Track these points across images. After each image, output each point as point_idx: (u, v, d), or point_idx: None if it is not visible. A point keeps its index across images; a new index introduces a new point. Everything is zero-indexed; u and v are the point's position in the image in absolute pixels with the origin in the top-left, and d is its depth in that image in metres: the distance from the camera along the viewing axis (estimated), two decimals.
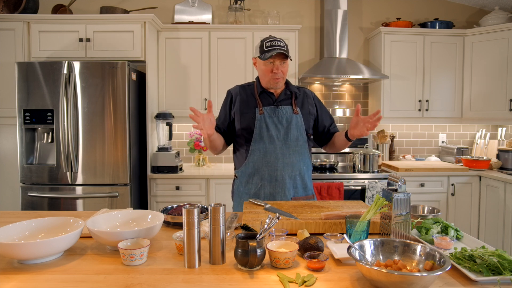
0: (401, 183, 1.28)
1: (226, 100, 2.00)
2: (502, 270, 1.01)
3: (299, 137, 1.89)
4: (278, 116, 1.88)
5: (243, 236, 1.14)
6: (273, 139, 1.86)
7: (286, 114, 1.89)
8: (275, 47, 1.78)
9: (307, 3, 3.86)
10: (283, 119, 1.88)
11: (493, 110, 3.50)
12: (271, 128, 1.86)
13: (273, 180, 1.87)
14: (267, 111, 1.88)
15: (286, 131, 1.87)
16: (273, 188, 1.87)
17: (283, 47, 1.80)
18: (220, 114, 2.01)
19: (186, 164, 3.77)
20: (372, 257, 1.09)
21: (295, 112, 1.90)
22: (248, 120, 1.89)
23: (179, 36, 3.44)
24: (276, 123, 1.87)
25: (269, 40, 1.83)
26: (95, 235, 1.22)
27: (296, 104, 1.93)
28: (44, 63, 2.91)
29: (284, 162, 1.87)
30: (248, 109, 1.90)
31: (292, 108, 1.91)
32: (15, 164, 3.04)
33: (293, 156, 1.88)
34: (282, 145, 1.86)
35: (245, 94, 1.95)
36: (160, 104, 3.48)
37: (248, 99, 1.93)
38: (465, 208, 3.36)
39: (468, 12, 3.96)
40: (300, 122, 1.90)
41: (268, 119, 1.87)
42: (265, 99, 1.92)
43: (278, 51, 1.77)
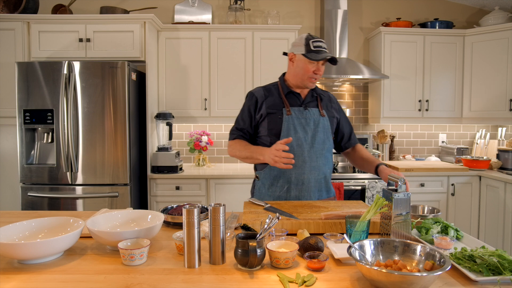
0: (401, 183, 1.28)
1: (250, 102, 1.90)
2: (502, 270, 1.01)
3: (325, 140, 1.86)
4: (306, 118, 1.84)
5: (243, 236, 1.14)
6: (300, 141, 1.81)
7: (314, 116, 1.86)
8: (323, 50, 1.78)
9: (307, 3, 3.86)
10: (310, 121, 1.84)
11: (493, 110, 3.50)
12: (299, 130, 1.81)
13: (299, 183, 1.82)
14: (295, 112, 1.84)
15: (313, 133, 1.83)
16: (299, 191, 1.83)
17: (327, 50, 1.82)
18: (243, 117, 1.92)
19: (186, 164, 3.77)
20: (372, 257, 1.09)
21: (322, 114, 1.88)
22: (275, 121, 1.82)
23: (179, 36, 3.44)
24: (303, 125, 1.83)
25: (316, 40, 1.80)
26: (95, 235, 1.22)
27: (322, 106, 1.91)
28: (44, 63, 2.91)
29: (311, 165, 1.82)
30: (275, 110, 1.84)
31: (319, 110, 1.88)
32: (15, 164, 3.04)
33: (319, 160, 1.84)
34: (309, 148, 1.82)
35: (271, 96, 1.89)
36: (160, 104, 3.48)
37: (275, 100, 1.87)
38: (465, 208, 3.36)
39: (468, 12, 3.96)
40: (327, 125, 1.87)
41: (296, 120, 1.82)
42: (292, 99, 1.88)
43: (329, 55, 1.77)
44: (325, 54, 1.77)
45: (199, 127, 3.78)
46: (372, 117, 3.84)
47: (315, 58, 1.75)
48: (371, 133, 3.92)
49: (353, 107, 3.94)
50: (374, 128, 3.96)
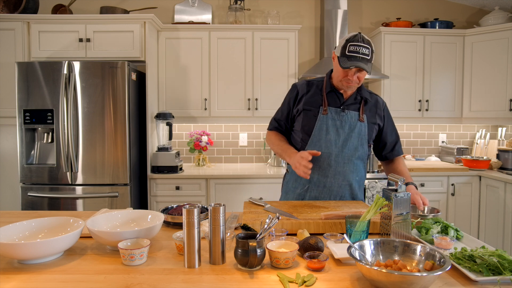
0: (401, 183, 1.28)
1: (291, 94, 1.87)
2: (502, 270, 1.01)
3: (358, 147, 1.77)
4: (342, 120, 1.76)
5: (243, 236, 1.14)
6: (330, 143, 1.74)
7: (351, 120, 1.76)
8: (357, 56, 1.61)
9: (307, 3, 3.86)
10: (346, 125, 1.76)
11: (493, 110, 3.50)
12: (331, 131, 1.75)
13: (321, 185, 1.78)
14: (332, 112, 1.76)
15: (346, 137, 1.75)
16: (320, 193, 1.79)
17: (367, 56, 1.62)
18: (282, 109, 1.91)
19: (186, 164, 3.77)
20: (372, 257, 1.09)
21: (360, 119, 1.77)
22: (310, 118, 1.77)
23: (179, 36, 3.44)
24: (338, 127, 1.75)
25: (355, 43, 1.63)
26: (95, 235, 1.22)
27: (363, 111, 1.79)
28: (44, 63, 2.91)
29: (337, 170, 1.76)
30: (313, 106, 1.78)
31: (358, 114, 1.77)
32: (15, 164, 3.04)
33: (346, 166, 1.77)
34: (338, 152, 1.75)
35: (312, 91, 1.82)
36: (160, 104, 3.48)
37: (315, 96, 1.80)
38: (465, 208, 3.36)
39: (468, 12, 3.96)
40: (363, 131, 1.77)
41: (330, 121, 1.75)
42: (332, 99, 1.79)
43: (357, 65, 1.61)
44: (355, 63, 1.61)
45: (199, 127, 3.78)
46: None
47: (343, 64, 1.63)
48: None
49: None
50: None
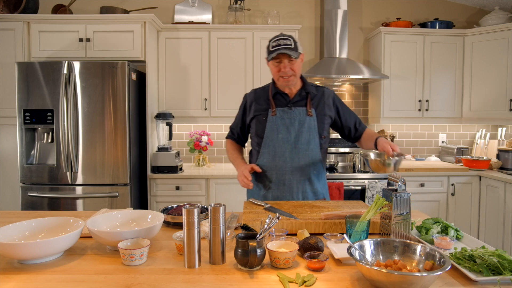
0: (401, 183, 1.28)
1: (242, 104, 2.02)
2: (502, 270, 1.01)
3: (310, 140, 1.84)
4: (291, 118, 1.83)
5: (243, 236, 1.14)
6: (283, 142, 1.83)
7: (299, 116, 1.84)
8: (279, 46, 1.72)
9: (307, 3, 3.86)
10: (295, 121, 1.83)
11: (493, 110, 3.50)
12: (282, 130, 1.83)
13: (280, 183, 1.85)
14: (280, 112, 1.84)
15: (297, 134, 1.83)
16: (281, 191, 1.85)
17: (289, 45, 1.73)
18: (236, 118, 2.08)
19: (186, 164, 3.77)
20: (372, 257, 1.09)
21: (308, 114, 1.84)
22: (261, 122, 1.87)
23: (179, 36, 3.44)
24: (288, 125, 1.83)
25: (275, 39, 1.76)
26: (95, 235, 1.22)
27: (311, 105, 1.86)
28: (44, 63, 2.91)
29: (293, 167, 1.83)
30: (262, 111, 1.88)
31: (306, 110, 1.85)
32: (15, 164, 3.04)
33: (302, 160, 1.84)
34: (292, 149, 1.83)
35: (260, 97, 1.92)
36: (160, 104, 3.48)
37: (263, 102, 1.90)
38: (465, 208, 3.36)
39: (468, 12, 3.96)
40: (313, 125, 1.84)
41: (279, 120, 1.83)
42: (279, 100, 1.88)
43: (280, 52, 1.71)
44: (277, 51, 1.71)
45: (199, 127, 3.78)
46: (372, 117, 3.84)
47: (269, 58, 1.77)
48: None
49: (353, 107, 3.94)
50: (374, 128, 3.96)
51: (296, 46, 1.76)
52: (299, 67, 1.82)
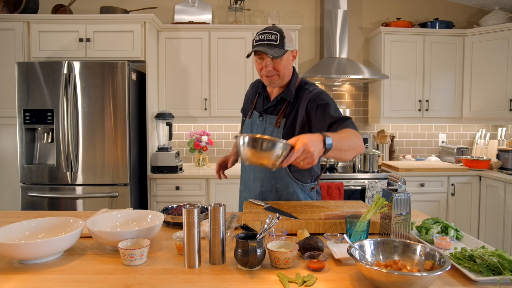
0: (401, 183, 1.28)
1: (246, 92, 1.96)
2: (502, 270, 1.01)
3: None
4: (259, 125, 1.73)
5: (243, 236, 1.14)
6: None
7: (266, 125, 1.69)
8: (263, 42, 1.54)
9: (307, 3, 3.86)
10: (260, 130, 1.71)
11: (493, 110, 3.50)
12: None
13: (247, 188, 1.83)
14: (254, 117, 1.76)
15: None
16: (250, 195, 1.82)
17: (273, 41, 1.53)
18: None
19: (186, 164, 3.77)
20: (372, 257, 1.09)
21: (276, 124, 1.65)
22: (243, 120, 1.85)
23: (179, 36, 3.44)
24: (256, 132, 1.74)
25: (261, 32, 1.58)
26: (95, 235, 1.22)
27: (284, 113, 1.65)
28: (44, 63, 2.91)
29: (255, 175, 1.76)
30: (246, 109, 1.86)
31: (276, 119, 1.67)
32: (15, 164, 3.04)
33: (263, 172, 1.72)
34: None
35: (252, 93, 1.86)
36: (160, 104, 3.48)
37: (251, 99, 1.85)
38: (465, 208, 3.36)
39: (468, 12, 3.96)
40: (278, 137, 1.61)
41: (250, 125, 1.77)
42: (259, 102, 1.78)
43: (257, 49, 1.53)
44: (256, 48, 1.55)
45: (199, 127, 3.78)
46: (372, 117, 3.84)
47: (249, 53, 1.61)
48: (371, 133, 3.92)
49: (353, 107, 3.94)
50: (374, 128, 3.96)
51: (282, 42, 1.54)
52: (285, 66, 1.60)
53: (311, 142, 1.11)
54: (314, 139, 1.14)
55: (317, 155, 1.14)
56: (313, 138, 1.14)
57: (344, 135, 1.31)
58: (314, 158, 1.12)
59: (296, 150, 1.08)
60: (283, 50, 1.56)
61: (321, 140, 1.17)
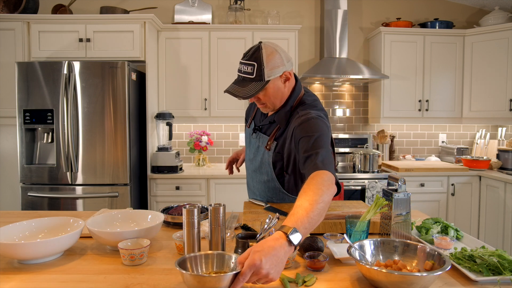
0: (401, 183, 1.28)
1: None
2: (502, 270, 1.01)
3: (268, 172, 1.60)
4: (252, 140, 1.70)
5: (243, 236, 1.14)
6: (247, 156, 1.77)
7: (259, 143, 1.63)
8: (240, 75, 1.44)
9: (307, 3, 3.86)
10: (254, 147, 1.68)
11: (493, 110, 3.50)
12: (248, 144, 1.76)
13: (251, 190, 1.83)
14: (251, 128, 1.72)
15: (252, 158, 1.69)
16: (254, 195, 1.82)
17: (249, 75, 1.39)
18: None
19: (186, 164, 3.77)
20: (372, 257, 1.09)
21: (267, 147, 1.58)
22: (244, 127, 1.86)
23: (179, 36, 3.44)
24: (249, 144, 1.74)
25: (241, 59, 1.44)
26: (95, 235, 1.22)
27: (275, 136, 1.56)
28: (44, 63, 2.91)
29: (253, 184, 1.75)
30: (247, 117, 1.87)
31: (267, 141, 1.58)
32: (15, 164, 3.04)
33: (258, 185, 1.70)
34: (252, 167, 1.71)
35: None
36: (160, 104, 3.48)
37: (253, 106, 1.80)
38: (465, 208, 3.36)
39: (468, 12, 3.96)
40: (267, 160, 1.58)
41: (248, 135, 1.76)
42: (258, 113, 1.71)
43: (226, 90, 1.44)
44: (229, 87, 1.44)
45: (199, 127, 3.78)
46: (372, 117, 3.84)
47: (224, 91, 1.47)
48: (371, 133, 3.92)
49: (353, 107, 3.94)
50: (374, 128, 3.96)
51: (260, 74, 1.37)
52: (273, 95, 1.45)
53: (264, 257, 0.89)
54: (270, 251, 0.91)
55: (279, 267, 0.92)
56: (268, 250, 0.91)
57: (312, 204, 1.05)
58: (272, 275, 0.90)
59: (242, 275, 0.88)
60: (261, 83, 1.38)
61: (283, 243, 0.94)
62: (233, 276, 0.88)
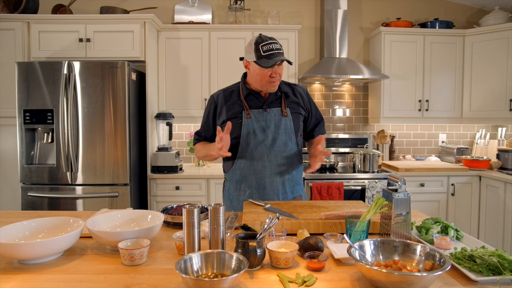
0: (401, 183, 1.28)
1: (210, 107, 1.88)
2: (502, 270, 1.01)
3: (287, 141, 1.80)
4: (266, 120, 1.78)
5: (243, 236, 1.14)
6: (260, 145, 1.77)
7: (275, 118, 1.78)
8: (274, 52, 1.66)
9: (307, 3, 3.86)
10: (271, 123, 1.78)
11: (493, 110, 3.50)
12: (258, 133, 1.77)
13: (261, 187, 1.81)
14: (255, 114, 1.78)
15: (274, 136, 1.78)
16: (262, 195, 1.82)
17: (280, 50, 1.69)
18: (203, 121, 1.92)
19: (186, 164, 3.77)
20: (372, 257, 1.09)
21: (284, 114, 1.79)
22: (236, 125, 1.76)
23: (179, 36, 3.44)
24: (264, 127, 1.77)
25: (265, 43, 1.67)
26: (95, 235, 1.22)
27: (286, 104, 1.81)
28: (44, 63, 2.91)
29: (272, 169, 1.79)
30: (235, 114, 1.79)
31: (281, 110, 1.79)
32: (15, 164, 3.04)
33: (281, 162, 1.80)
34: (269, 152, 1.78)
35: (231, 99, 1.83)
36: (160, 104, 3.48)
37: (235, 104, 1.81)
38: (465, 208, 3.36)
39: (468, 12, 3.96)
40: (289, 125, 1.80)
41: (255, 123, 1.77)
42: (252, 101, 1.80)
43: (281, 59, 1.66)
44: (277, 58, 1.66)
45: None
46: (372, 117, 3.84)
47: (266, 65, 1.66)
48: (371, 133, 3.92)
49: (353, 107, 3.94)
50: (374, 128, 3.96)
51: (282, 49, 1.74)
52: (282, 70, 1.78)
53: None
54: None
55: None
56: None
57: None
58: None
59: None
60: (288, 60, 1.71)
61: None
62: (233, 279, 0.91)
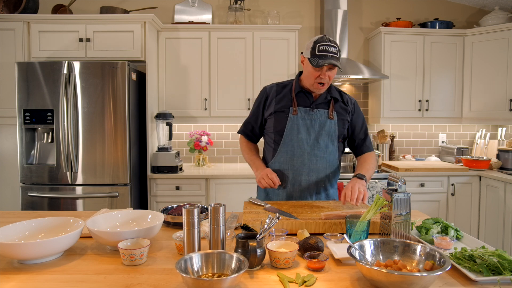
0: (401, 183, 1.28)
1: (261, 97, 1.93)
2: (502, 270, 1.01)
3: (329, 144, 1.83)
4: (312, 119, 1.81)
5: (243, 236, 1.14)
6: (302, 142, 1.80)
7: (320, 118, 1.82)
8: (328, 54, 1.68)
9: (307, 3, 3.86)
10: (316, 123, 1.81)
11: (493, 110, 3.50)
12: (302, 131, 1.80)
13: (296, 184, 1.83)
14: (301, 112, 1.81)
15: (317, 136, 1.81)
16: (295, 191, 1.84)
17: (336, 55, 1.70)
18: (253, 111, 1.97)
19: (186, 164, 3.77)
20: (372, 257, 1.09)
21: (330, 117, 1.82)
22: (281, 119, 1.82)
23: (179, 36, 3.44)
24: (308, 126, 1.81)
25: (323, 43, 1.70)
26: (95, 235, 1.22)
27: (333, 108, 1.84)
28: (44, 63, 2.91)
29: (310, 168, 1.82)
30: (284, 108, 1.83)
31: (328, 112, 1.83)
32: (15, 164, 3.04)
33: (320, 163, 1.82)
34: (310, 150, 1.81)
35: (282, 93, 1.87)
36: (160, 104, 3.48)
37: (285, 98, 1.85)
38: (465, 208, 3.36)
39: (468, 12, 3.96)
40: (333, 128, 1.83)
41: (300, 120, 1.81)
42: (301, 99, 1.84)
43: (330, 62, 1.66)
44: (327, 60, 1.67)
45: (199, 127, 3.78)
46: (372, 117, 3.84)
47: (315, 64, 1.68)
48: (371, 133, 3.92)
49: None
50: (374, 128, 3.96)
51: (339, 55, 1.74)
52: (334, 76, 1.78)
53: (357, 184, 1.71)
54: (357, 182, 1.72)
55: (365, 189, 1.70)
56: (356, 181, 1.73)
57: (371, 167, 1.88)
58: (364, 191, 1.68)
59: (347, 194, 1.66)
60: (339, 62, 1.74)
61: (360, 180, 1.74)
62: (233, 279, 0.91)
